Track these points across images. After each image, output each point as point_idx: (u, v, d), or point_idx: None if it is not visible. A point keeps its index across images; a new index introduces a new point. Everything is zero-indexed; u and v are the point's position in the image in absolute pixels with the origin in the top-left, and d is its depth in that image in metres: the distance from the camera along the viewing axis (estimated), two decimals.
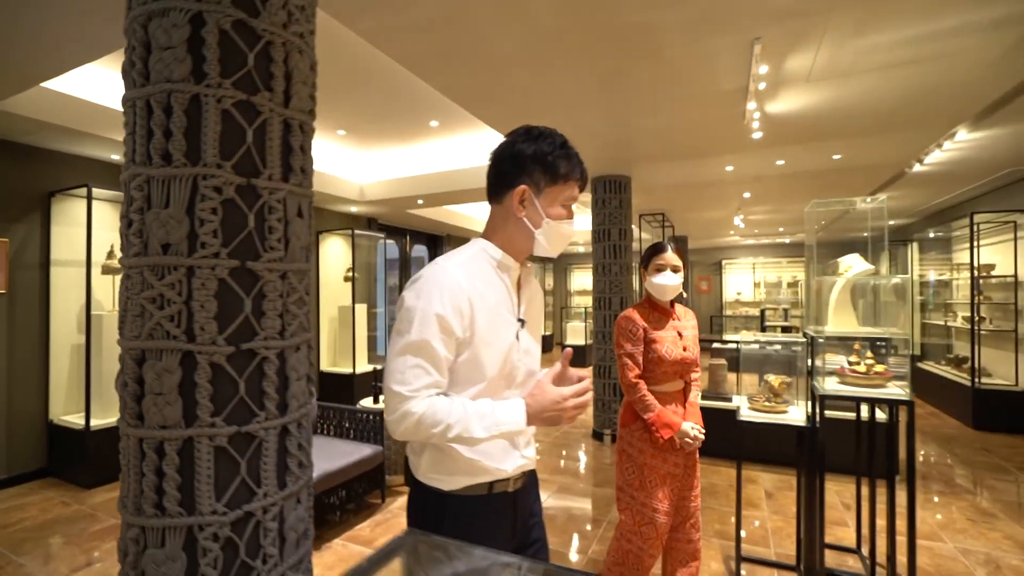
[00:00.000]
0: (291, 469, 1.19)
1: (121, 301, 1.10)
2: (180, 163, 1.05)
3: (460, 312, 1.13)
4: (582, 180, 1.28)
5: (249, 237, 1.11)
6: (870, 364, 2.13)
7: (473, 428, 1.09)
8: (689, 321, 2.21)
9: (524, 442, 1.27)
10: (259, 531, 1.11)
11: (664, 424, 1.99)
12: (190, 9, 1.05)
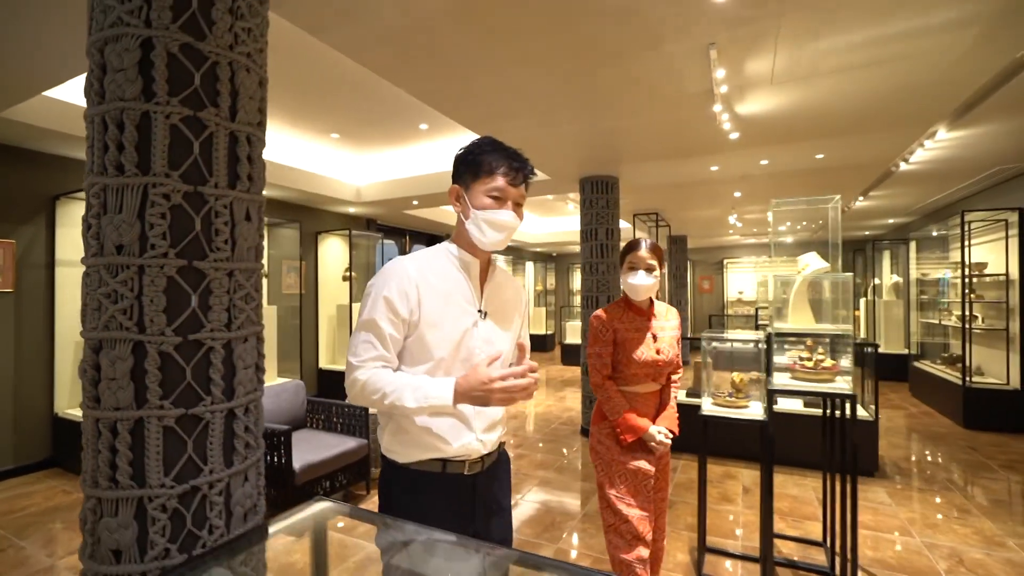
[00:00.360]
0: (238, 449, 1.31)
1: (83, 296, 1.23)
2: (132, 173, 1.17)
3: (406, 296, 1.26)
4: (512, 172, 1.33)
5: (196, 239, 1.22)
6: (819, 359, 2.20)
7: (405, 398, 1.19)
8: (669, 321, 2.09)
9: (482, 426, 1.33)
10: (205, 504, 1.23)
11: (629, 428, 1.93)
12: (141, 35, 1.17)
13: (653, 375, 2.00)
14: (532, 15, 2.20)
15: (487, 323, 1.36)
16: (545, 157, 4.65)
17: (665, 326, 2.07)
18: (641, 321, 2.02)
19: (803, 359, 2.25)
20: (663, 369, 2.02)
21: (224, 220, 1.27)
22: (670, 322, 2.10)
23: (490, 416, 1.35)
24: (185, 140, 1.21)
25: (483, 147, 1.34)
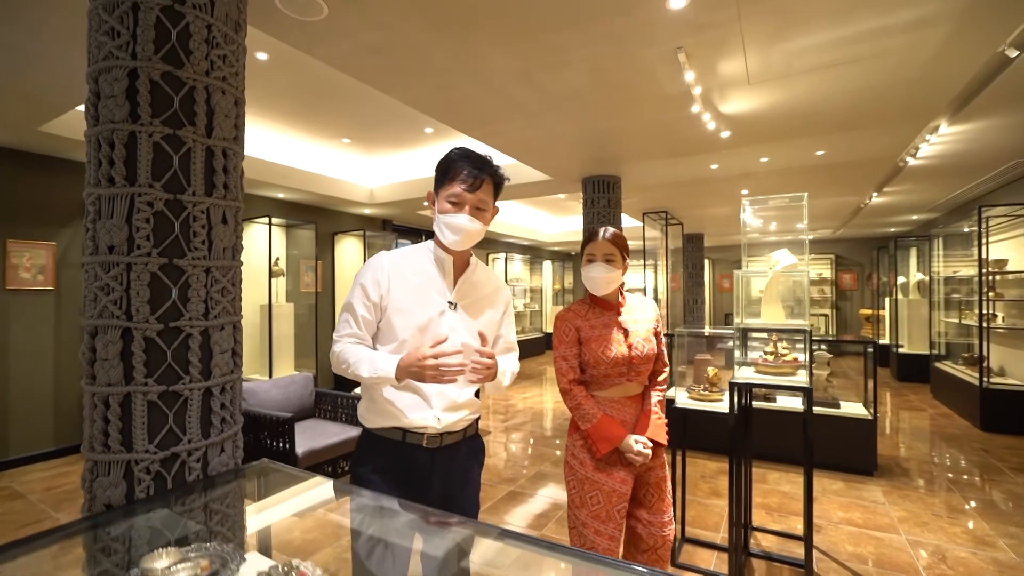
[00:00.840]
0: (215, 423, 1.50)
1: (83, 289, 1.43)
2: (120, 184, 1.37)
3: (377, 283, 1.44)
4: (469, 179, 1.42)
5: (176, 240, 1.41)
6: (781, 354, 2.26)
7: (362, 368, 1.37)
8: (643, 314, 1.85)
9: (441, 405, 1.44)
10: (184, 469, 1.42)
11: (602, 436, 1.71)
12: (127, 66, 1.37)
13: (627, 374, 1.78)
14: (500, 27, 2.34)
15: (456, 314, 1.49)
16: (544, 158, 4.77)
17: (639, 319, 1.83)
18: (609, 316, 1.81)
19: (767, 353, 2.31)
20: (639, 367, 1.78)
21: (201, 224, 1.46)
22: (644, 314, 1.85)
23: (450, 398, 1.46)
24: (166, 155, 1.40)
25: (450, 156, 1.47)
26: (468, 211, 1.43)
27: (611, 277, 1.77)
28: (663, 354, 1.88)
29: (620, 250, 1.79)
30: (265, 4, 2.07)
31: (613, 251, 1.78)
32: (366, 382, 1.39)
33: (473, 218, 1.43)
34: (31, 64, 2.63)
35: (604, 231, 1.81)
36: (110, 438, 1.37)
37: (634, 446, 1.71)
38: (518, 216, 10.31)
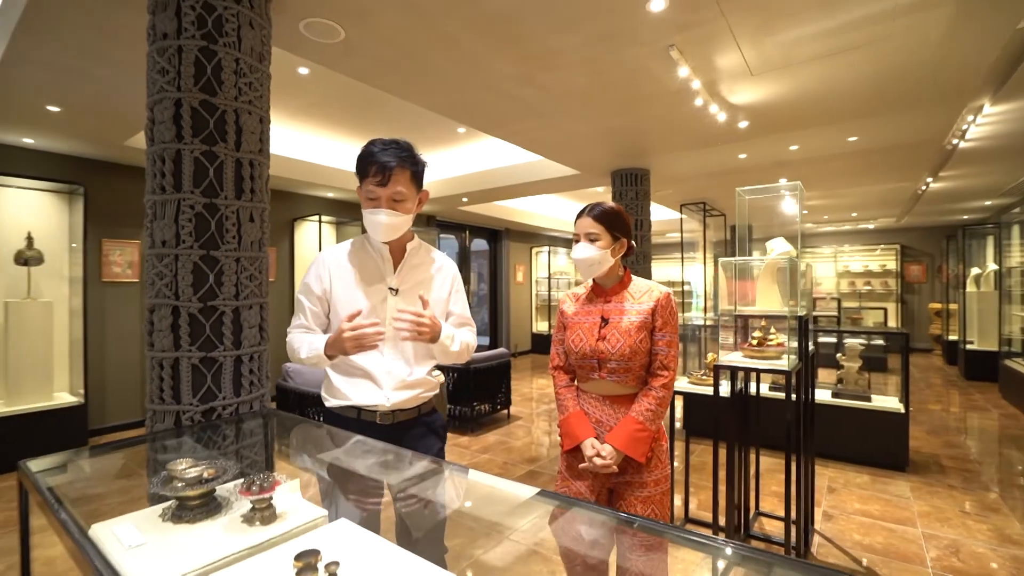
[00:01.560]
0: (244, 385, 1.84)
1: (145, 275, 1.81)
2: (170, 192, 1.72)
3: (319, 278, 1.53)
4: (379, 174, 1.43)
5: (212, 236, 1.75)
6: (763, 338, 2.32)
7: (303, 351, 1.47)
8: (638, 305, 1.57)
9: (391, 385, 1.50)
10: (219, 419, 1.76)
11: (567, 432, 1.58)
12: (173, 97, 1.71)
13: (599, 371, 1.57)
14: (496, 36, 2.54)
15: (398, 298, 1.55)
16: (567, 154, 4.91)
17: (629, 310, 1.56)
18: (597, 303, 1.63)
19: (753, 338, 2.39)
20: (610, 364, 1.54)
21: (232, 222, 1.79)
22: (640, 305, 1.56)
23: (399, 377, 1.51)
24: (203, 167, 1.74)
25: (362, 152, 1.47)
26: (384, 205, 1.44)
27: (594, 258, 1.55)
28: (663, 354, 1.54)
29: (607, 228, 1.55)
30: (292, 31, 2.40)
31: (596, 229, 1.55)
32: (306, 363, 1.49)
33: (392, 211, 1.45)
34: (116, 91, 3.12)
35: (592, 208, 1.59)
36: (164, 392, 1.73)
37: (587, 450, 1.48)
38: (561, 210, 10.43)
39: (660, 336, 1.55)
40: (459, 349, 1.56)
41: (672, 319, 1.57)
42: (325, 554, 0.84)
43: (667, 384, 1.54)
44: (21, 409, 3.96)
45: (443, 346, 1.49)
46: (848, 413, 4.09)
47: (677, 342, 1.58)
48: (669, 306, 1.58)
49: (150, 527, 1.02)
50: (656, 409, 1.50)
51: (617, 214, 1.58)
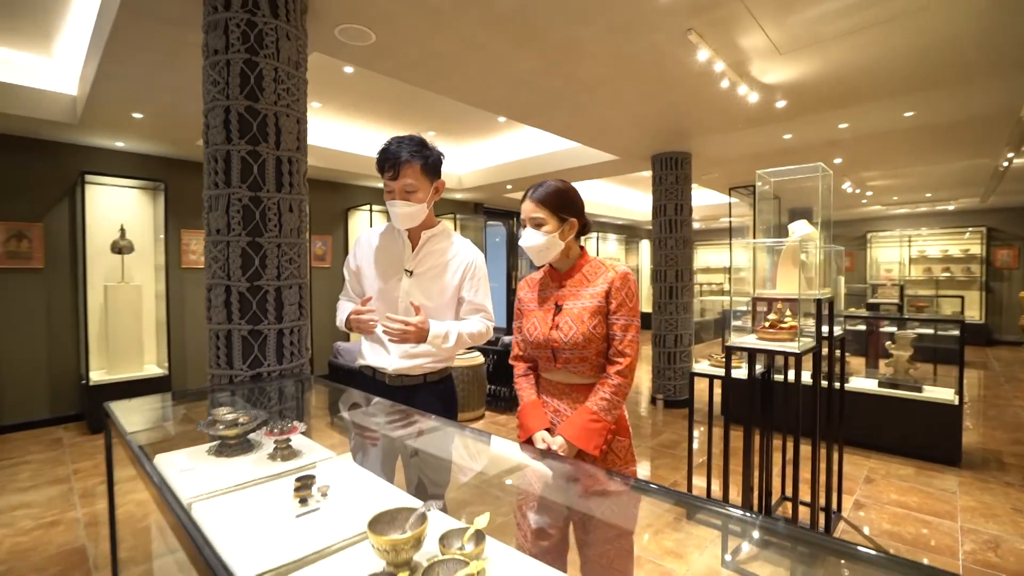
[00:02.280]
0: (285, 355, 2.10)
1: (205, 259, 2.11)
2: (222, 187, 1.99)
3: (355, 255, 1.80)
4: (389, 171, 1.62)
5: (257, 224, 2.02)
6: (779, 320, 2.31)
7: (339, 317, 1.76)
8: (591, 288, 1.47)
9: (397, 352, 1.69)
10: (266, 385, 2.04)
11: (521, 424, 1.52)
12: (223, 105, 1.98)
13: (554, 360, 1.49)
14: (515, 32, 2.64)
15: (412, 279, 1.71)
16: (603, 140, 4.93)
17: (583, 294, 1.47)
18: (552, 289, 1.54)
19: (766, 320, 2.38)
20: (564, 354, 1.46)
21: (273, 212, 2.05)
22: (595, 288, 1.46)
23: (403, 348, 1.69)
24: (249, 165, 2.00)
25: (379, 151, 1.66)
26: (398, 196, 1.62)
27: (541, 244, 1.46)
28: (619, 340, 1.43)
29: (551, 210, 1.45)
30: (329, 37, 2.63)
31: (540, 213, 1.45)
32: (341, 327, 1.76)
33: (406, 201, 1.62)
34: (187, 98, 3.51)
35: (532, 189, 1.48)
36: (220, 359, 2.03)
37: (537, 445, 1.42)
38: (609, 195, 10.35)
39: (615, 320, 1.44)
40: (455, 344, 1.64)
41: (629, 300, 1.45)
42: (325, 483, 1.04)
43: (623, 371, 1.41)
44: (118, 378, 4.57)
45: (435, 345, 1.60)
46: (895, 404, 3.92)
47: (636, 325, 1.46)
48: (625, 287, 1.45)
49: (199, 458, 1.27)
50: (612, 399, 1.40)
51: (561, 193, 1.47)
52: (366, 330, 1.60)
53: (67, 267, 4.71)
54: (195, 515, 0.91)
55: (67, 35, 3.39)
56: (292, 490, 1.01)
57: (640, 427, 4.72)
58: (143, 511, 2.93)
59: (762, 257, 2.77)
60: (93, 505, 3.05)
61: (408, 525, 0.78)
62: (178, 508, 0.76)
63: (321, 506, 0.99)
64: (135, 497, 3.02)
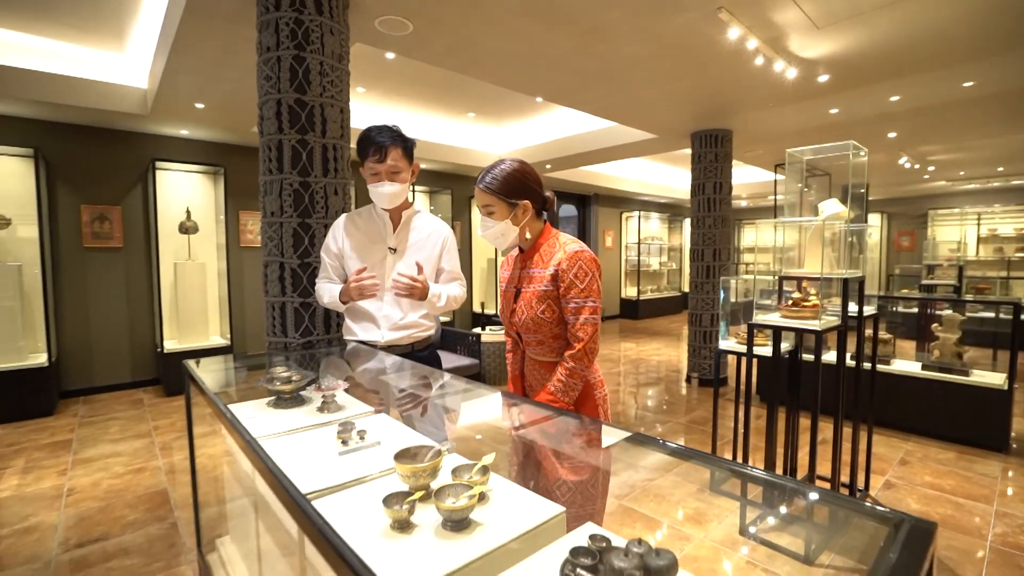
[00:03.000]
0: (331, 325, 2.33)
1: (261, 239, 2.34)
2: (275, 172, 2.21)
3: (335, 238, 1.91)
4: (377, 153, 1.75)
5: (306, 207, 2.23)
6: (803, 299, 2.31)
7: (325, 297, 1.89)
8: (542, 270, 1.45)
9: (386, 326, 1.86)
10: (315, 351, 2.28)
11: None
12: (275, 98, 2.17)
13: (521, 341, 1.54)
14: (546, 15, 2.70)
15: (396, 256, 1.89)
16: (640, 118, 4.89)
17: (536, 276, 1.47)
18: (517, 269, 1.55)
19: (789, 299, 2.39)
20: (525, 336, 1.49)
21: (320, 195, 2.25)
22: (546, 270, 1.44)
23: (393, 320, 1.86)
24: (298, 152, 2.20)
25: (360, 137, 1.79)
26: (385, 177, 1.78)
27: (495, 231, 1.46)
28: (571, 323, 1.41)
29: (499, 196, 1.42)
30: (370, 28, 2.78)
31: (489, 200, 1.43)
32: (328, 306, 1.94)
33: (392, 182, 1.79)
34: (244, 89, 3.78)
35: (480, 176, 1.46)
36: (275, 328, 2.27)
37: None
38: (652, 173, 10.18)
39: (566, 303, 1.41)
40: (445, 303, 1.87)
41: (579, 281, 1.40)
42: (361, 428, 1.23)
43: (576, 355, 1.40)
44: (187, 347, 5.05)
45: (431, 302, 1.83)
46: (939, 387, 3.82)
47: (591, 307, 1.40)
48: (574, 268, 1.39)
49: (260, 409, 1.49)
50: (567, 381, 1.41)
51: (508, 177, 1.42)
52: (368, 294, 1.76)
53: (142, 246, 5.19)
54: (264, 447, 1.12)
55: (137, 33, 3.70)
56: (336, 434, 1.21)
57: (675, 404, 4.79)
58: (212, 464, 3.31)
59: (795, 236, 2.76)
60: (170, 457, 3.46)
61: (427, 458, 0.94)
62: (252, 442, 0.95)
63: (359, 447, 1.17)
64: (206, 452, 3.40)
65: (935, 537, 0.55)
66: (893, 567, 0.50)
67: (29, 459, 3.39)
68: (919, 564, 0.49)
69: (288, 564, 1.15)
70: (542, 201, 1.48)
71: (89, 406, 4.61)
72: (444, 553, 0.75)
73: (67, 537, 2.45)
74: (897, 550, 0.53)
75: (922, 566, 0.49)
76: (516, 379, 1.62)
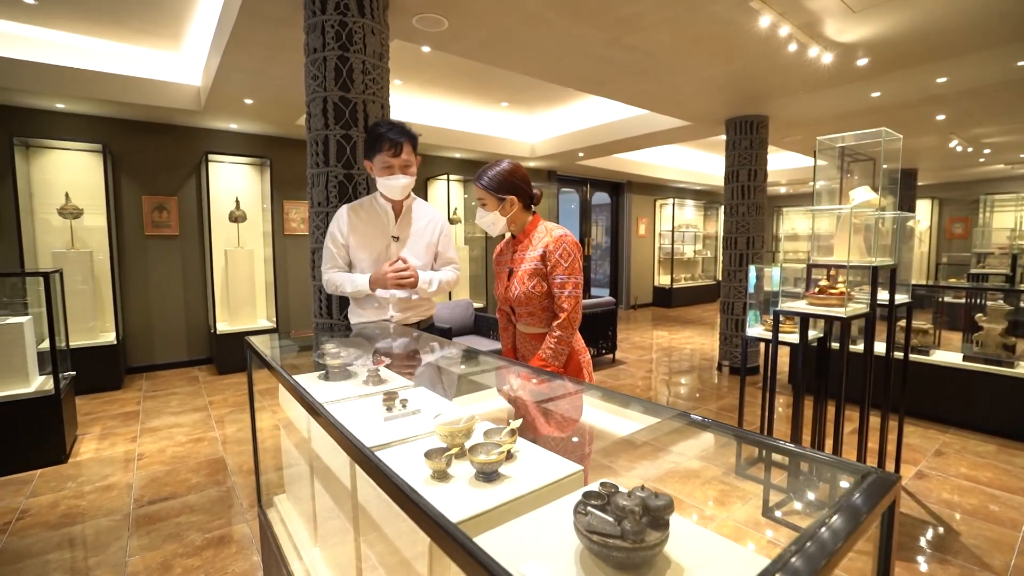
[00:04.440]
0: None
1: (309, 226, 2.52)
2: (322, 166, 2.37)
3: (340, 229, 2.00)
4: (392, 148, 1.84)
5: (349, 197, 2.39)
6: (831, 286, 2.31)
7: (347, 287, 1.99)
8: (532, 252, 1.72)
9: (396, 309, 2.02)
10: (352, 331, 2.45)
11: None
12: (322, 96, 2.33)
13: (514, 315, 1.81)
14: (577, 10, 2.75)
15: (399, 244, 2.03)
16: (672, 106, 4.85)
17: (527, 257, 1.73)
18: (509, 253, 1.82)
19: (816, 286, 2.40)
20: (518, 309, 1.76)
21: (363, 187, 2.41)
22: (535, 252, 1.71)
23: (401, 305, 2.03)
24: (342, 147, 2.36)
25: (373, 132, 1.90)
26: (399, 171, 1.89)
27: (487, 221, 1.74)
28: (558, 296, 1.68)
29: (490, 192, 1.70)
30: (408, 25, 2.91)
31: (482, 195, 1.73)
32: (350, 295, 2.04)
33: (404, 175, 1.90)
34: (289, 85, 3.99)
35: (478, 175, 1.75)
36: (322, 310, 2.46)
37: None
38: (687, 160, 10.01)
39: (552, 279, 1.69)
40: (436, 288, 2.04)
41: (564, 261, 1.67)
42: (403, 398, 1.38)
43: (563, 324, 1.66)
44: (237, 328, 5.38)
45: (423, 289, 1.99)
46: (980, 378, 3.73)
47: (574, 282, 1.67)
48: (559, 249, 1.67)
49: (312, 382, 1.66)
50: (556, 347, 1.67)
51: (498, 177, 1.70)
52: (409, 285, 1.92)
53: (196, 234, 5.54)
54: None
55: (193, 33, 3.95)
56: (381, 402, 1.36)
57: (705, 392, 4.82)
58: (263, 435, 3.59)
59: (828, 224, 2.76)
60: (225, 429, 3.75)
61: (462, 421, 1.07)
62: (319, 405, 1.11)
63: (401, 414, 1.32)
64: (260, 425, 3.68)
65: (897, 488, 0.63)
66: (846, 508, 0.59)
67: (104, 427, 3.75)
68: (870, 508, 0.59)
69: (339, 512, 1.32)
70: (529, 197, 1.76)
71: (151, 382, 5.00)
72: (477, 498, 0.88)
73: (141, 495, 2.74)
74: (856, 496, 0.62)
75: (873, 510, 0.58)
76: (509, 352, 1.92)
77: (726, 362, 5.40)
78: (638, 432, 1.28)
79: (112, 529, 2.42)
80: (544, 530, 0.79)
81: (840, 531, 0.55)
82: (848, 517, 0.57)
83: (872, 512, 0.59)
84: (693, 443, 1.26)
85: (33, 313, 3.34)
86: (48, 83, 3.98)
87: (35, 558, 2.20)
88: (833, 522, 0.57)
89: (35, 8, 3.49)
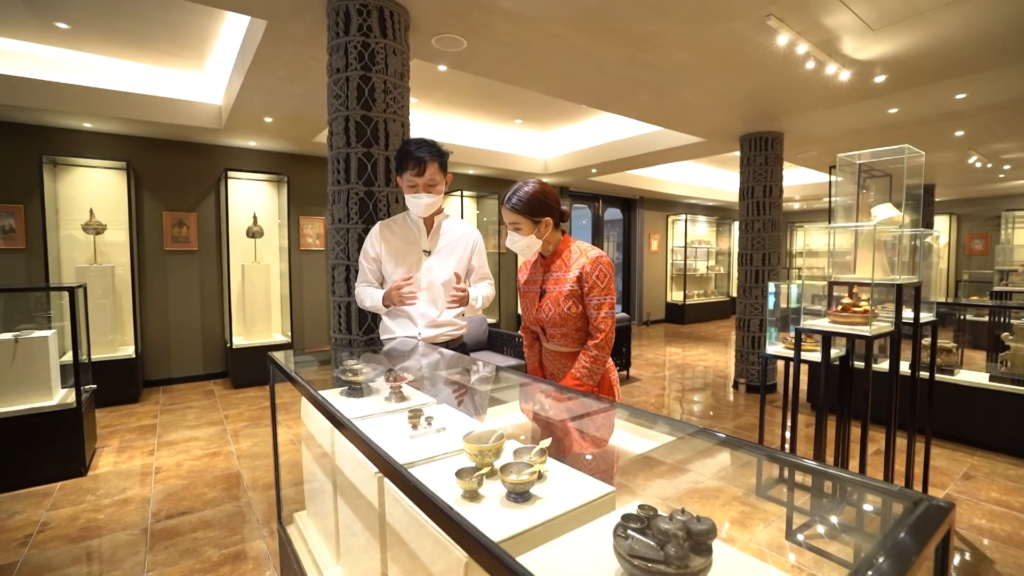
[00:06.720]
0: None
1: (328, 243, 2.55)
2: (343, 183, 2.41)
3: (373, 245, 2.04)
4: (416, 168, 1.88)
5: (370, 214, 2.41)
6: (854, 304, 2.28)
7: (367, 302, 2.03)
8: (568, 273, 1.70)
9: (424, 324, 2.01)
10: (376, 346, 2.46)
11: None
12: (344, 115, 2.38)
13: (545, 335, 1.79)
14: (595, 29, 2.80)
15: (432, 258, 2.04)
16: (687, 123, 4.87)
17: (561, 278, 1.71)
18: (539, 272, 1.80)
19: (840, 304, 2.37)
20: (550, 329, 1.74)
21: (383, 204, 2.44)
22: (571, 273, 1.69)
23: (430, 318, 2.02)
24: (364, 164, 2.39)
25: (400, 150, 1.95)
26: (423, 189, 1.92)
27: (521, 244, 1.73)
28: (594, 317, 1.67)
29: (525, 215, 1.68)
30: (427, 46, 2.97)
31: (516, 219, 1.70)
32: (369, 309, 2.07)
33: (429, 194, 1.93)
34: (308, 104, 4.08)
35: (507, 198, 1.71)
36: (341, 326, 2.47)
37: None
38: (699, 176, 10.02)
39: (589, 300, 1.68)
40: (481, 304, 2.05)
41: (600, 282, 1.67)
42: (428, 415, 1.37)
43: (599, 344, 1.66)
44: (254, 343, 5.42)
45: (471, 306, 1.99)
46: (1008, 399, 3.63)
47: (610, 303, 1.67)
48: (596, 271, 1.66)
49: (334, 398, 1.66)
50: (591, 366, 1.67)
51: (531, 199, 1.68)
52: (409, 301, 1.91)
53: (214, 249, 5.62)
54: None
55: (215, 54, 4.06)
56: (406, 419, 1.35)
57: (721, 410, 4.75)
58: (282, 449, 3.59)
59: (847, 240, 2.73)
60: (240, 443, 3.76)
61: (491, 440, 1.06)
62: (347, 421, 1.11)
63: (427, 431, 1.31)
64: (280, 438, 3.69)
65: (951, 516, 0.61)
66: (899, 541, 0.58)
67: (122, 440, 3.78)
68: (925, 540, 0.57)
69: (363, 529, 1.30)
70: (559, 215, 1.74)
71: (168, 395, 5.04)
72: (512, 519, 0.87)
73: (158, 509, 2.74)
74: (907, 527, 0.60)
75: (928, 542, 0.56)
76: (536, 370, 1.90)
77: (742, 380, 5.32)
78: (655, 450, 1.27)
79: (130, 543, 2.42)
80: (582, 552, 0.78)
81: (896, 565, 0.53)
82: (903, 550, 0.56)
83: (928, 544, 0.57)
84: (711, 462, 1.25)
85: (57, 327, 3.39)
86: (77, 103, 4.10)
87: (54, 572, 2.20)
88: (888, 554, 0.55)
89: (67, 32, 3.62)
